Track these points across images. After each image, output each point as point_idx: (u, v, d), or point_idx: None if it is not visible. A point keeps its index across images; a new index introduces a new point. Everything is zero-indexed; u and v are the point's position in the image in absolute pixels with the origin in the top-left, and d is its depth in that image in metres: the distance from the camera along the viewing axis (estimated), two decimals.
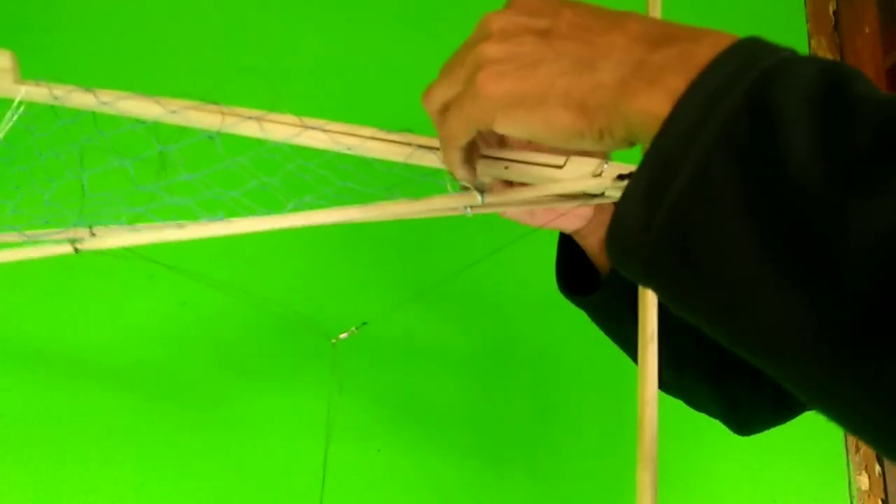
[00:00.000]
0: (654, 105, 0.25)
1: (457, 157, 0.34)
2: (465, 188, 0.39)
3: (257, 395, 0.84)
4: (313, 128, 0.40)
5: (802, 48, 1.17)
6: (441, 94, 0.33)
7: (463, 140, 0.33)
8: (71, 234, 0.46)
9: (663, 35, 0.27)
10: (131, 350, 0.83)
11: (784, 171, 0.21)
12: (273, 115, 0.40)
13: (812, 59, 0.24)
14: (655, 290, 0.27)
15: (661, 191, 0.24)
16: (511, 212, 0.45)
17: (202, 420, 0.82)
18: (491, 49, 0.30)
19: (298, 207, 0.41)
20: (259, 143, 0.41)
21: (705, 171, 0.23)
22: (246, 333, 0.85)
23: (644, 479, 0.35)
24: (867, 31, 1.15)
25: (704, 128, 0.23)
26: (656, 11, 0.37)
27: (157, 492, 0.80)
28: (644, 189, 0.25)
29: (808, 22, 1.19)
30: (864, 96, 0.22)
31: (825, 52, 1.18)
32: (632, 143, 0.28)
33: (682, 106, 0.24)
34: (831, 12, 1.20)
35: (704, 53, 0.25)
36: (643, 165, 0.25)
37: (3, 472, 0.77)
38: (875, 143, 0.21)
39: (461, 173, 0.36)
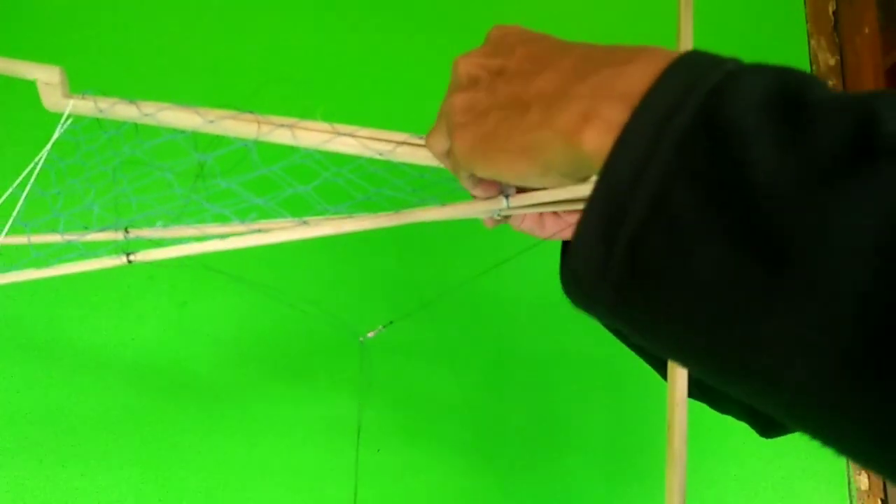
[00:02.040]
0: (593, 139, 0.24)
1: (467, 185, 0.37)
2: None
3: (277, 392, 0.85)
4: (344, 134, 0.41)
5: (802, 48, 1.19)
6: (438, 144, 0.35)
7: (464, 177, 0.35)
8: (107, 235, 0.48)
9: (594, 63, 0.26)
10: (134, 350, 0.84)
11: (751, 184, 0.20)
12: (305, 123, 0.42)
13: (760, 68, 0.23)
14: (626, 330, 0.25)
15: (617, 227, 0.23)
16: (525, 224, 0.47)
17: (217, 418, 0.83)
18: (456, 100, 0.31)
19: (332, 214, 0.43)
20: (292, 150, 0.42)
21: (662, 200, 0.21)
22: (273, 332, 0.86)
23: (673, 480, 0.35)
24: (867, 31, 1.16)
25: (655, 155, 0.22)
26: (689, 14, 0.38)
27: (158, 492, 0.80)
28: (597, 227, 0.23)
29: (807, 22, 1.21)
30: (823, 98, 0.21)
31: (825, 52, 1.20)
32: (583, 179, 0.28)
33: (627, 136, 0.23)
34: (831, 12, 1.22)
35: (634, 75, 0.24)
36: (592, 204, 0.24)
37: (3, 472, 0.78)
38: (844, 141, 0.20)
39: (477, 193, 0.39)
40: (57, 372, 0.81)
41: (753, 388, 0.21)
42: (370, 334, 0.49)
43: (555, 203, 0.42)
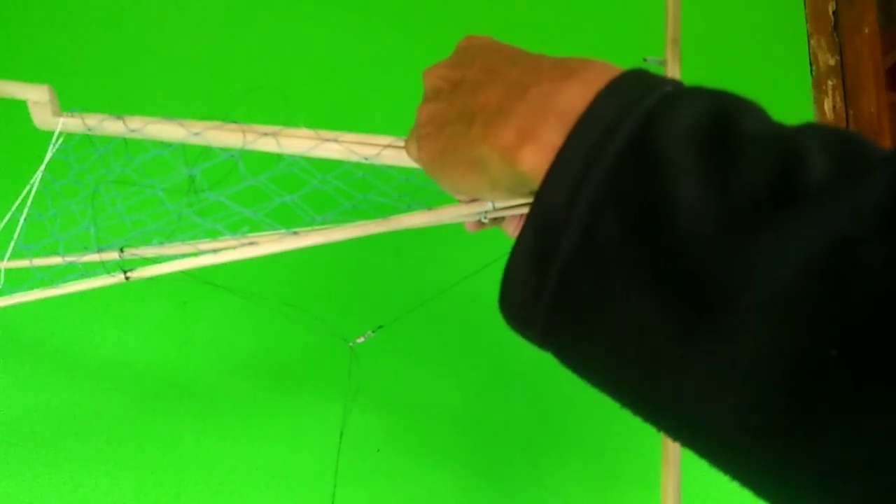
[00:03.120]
0: (529, 159, 0.24)
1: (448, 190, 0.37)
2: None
3: (269, 396, 0.85)
4: (329, 140, 0.42)
5: (802, 48, 1.19)
6: (412, 151, 0.35)
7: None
8: (104, 256, 0.48)
9: (537, 77, 0.25)
10: (130, 352, 0.84)
11: (674, 221, 0.19)
12: (289, 130, 0.42)
13: (697, 93, 0.22)
14: (558, 360, 0.25)
15: (549, 255, 0.22)
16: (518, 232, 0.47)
17: (211, 421, 0.83)
18: (423, 111, 0.31)
19: (320, 223, 0.43)
20: (278, 159, 0.43)
21: (592, 230, 0.21)
22: (263, 337, 0.86)
23: (668, 482, 0.35)
24: (867, 31, 1.16)
25: (587, 184, 0.21)
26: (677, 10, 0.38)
27: (157, 493, 0.80)
28: (531, 253, 0.23)
29: (807, 22, 1.21)
30: (753, 132, 0.20)
31: (825, 52, 1.19)
32: (531, 194, 0.27)
33: (561, 162, 0.22)
34: (831, 12, 1.22)
35: (572, 94, 0.23)
36: (526, 230, 0.23)
37: (3, 472, 0.78)
38: (767, 183, 0.19)
39: (460, 197, 0.39)
40: (56, 373, 0.82)
41: (679, 431, 0.21)
42: (360, 339, 0.48)
43: None
